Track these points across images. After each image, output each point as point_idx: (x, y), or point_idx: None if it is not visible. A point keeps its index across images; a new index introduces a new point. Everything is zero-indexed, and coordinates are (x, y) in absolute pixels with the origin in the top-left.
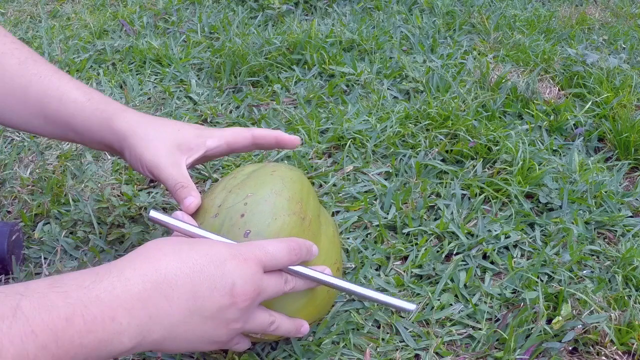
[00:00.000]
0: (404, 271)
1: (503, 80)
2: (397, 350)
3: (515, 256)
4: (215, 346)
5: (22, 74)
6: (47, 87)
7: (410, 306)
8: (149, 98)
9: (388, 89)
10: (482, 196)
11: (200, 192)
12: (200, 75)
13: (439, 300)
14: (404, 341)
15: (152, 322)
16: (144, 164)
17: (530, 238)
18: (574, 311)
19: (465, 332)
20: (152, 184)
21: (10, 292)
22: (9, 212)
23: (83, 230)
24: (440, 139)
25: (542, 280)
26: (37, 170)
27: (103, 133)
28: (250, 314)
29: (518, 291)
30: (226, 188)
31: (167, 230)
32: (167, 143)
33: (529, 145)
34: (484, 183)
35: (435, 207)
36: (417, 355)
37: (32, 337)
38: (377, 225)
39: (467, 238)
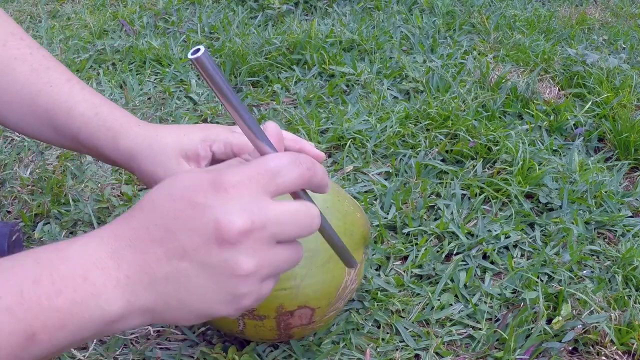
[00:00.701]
0: (404, 271)
1: (503, 80)
2: (397, 350)
3: (515, 256)
4: (231, 307)
5: (33, 81)
6: (56, 97)
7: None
8: (149, 98)
9: (388, 89)
10: (482, 196)
11: None
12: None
13: (439, 300)
14: (404, 341)
15: (132, 282)
16: (158, 182)
17: (530, 238)
18: (574, 311)
19: (465, 332)
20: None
21: None
22: (9, 212)
23: (83, 230)
24: (440, 139)
25: (542, 280)
26: (37, 170)
27: (109, 151)
28: (264, 261)
29: (518, 291)
30: None
31: None
32: (174, 154)
33: (529, 145)
34: (484, 183)
35: (435, 207)
36: (417, 355)
37: None
38: (377, 225)
39: (467, 238)
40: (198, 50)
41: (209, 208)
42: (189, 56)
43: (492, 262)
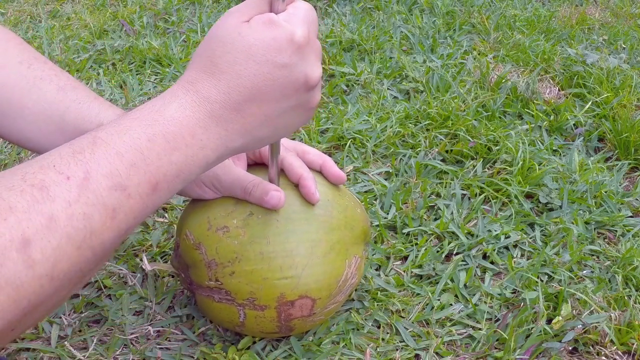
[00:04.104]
0: (404, 271)
1: (503, 80)
2: (397, 350)
3: (515, 256)
4: (310, 114)
5: (60, 99)
6: (86, 113)
7: None
8: (149, 98)
9: (388, 89)
10: (482, 196)
11: None
12: None
13: (439, 300)
14: (404, 341)
15: (230, 134)
16: (199, 181)
17: (530, 238)
18: (574, 311)
19: (465, 332)
20: None
21: (85, 134)
22: None
23: None
24: (440, 139)
25: (542, 280)
26: None
27: None
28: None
29: (518, 291)
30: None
31: (168, 229)
32: None
33: (529, 145)
34: (484, 183)
35: (435, 207)
36: (417, 355)
37: (118, 158)
38: (377, 225)
39: (467, 238)
40: None
41: (296, 66)
42: None
43: (492, 262)
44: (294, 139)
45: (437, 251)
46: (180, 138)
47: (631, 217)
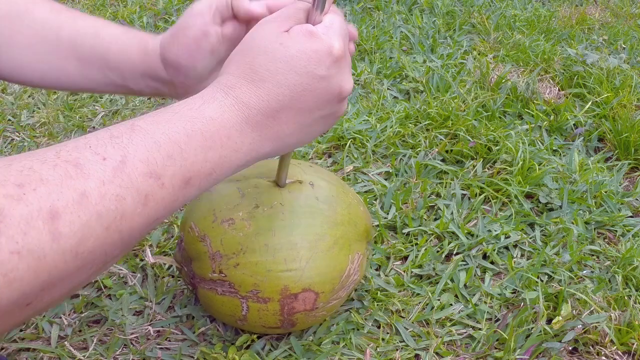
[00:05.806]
0: (404, 271)
1: (503, 80)
2: (397, 350)
3: (515, 256)
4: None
5: (53, 19)
6: (80, 26)
7: None
8: (149, 98)
9: (388, 89)
10: (482, 196)
11: None
12: None
13: (439, 300)
14: (404, 341)
15: (263, 139)
16: (199, 57)
17: (530, 238)
18: (574, 311)
19: (465, 332)
20: None
21: (122, 122)
22: None
23: None
24: (440, 139)
25: (542, 280)
26: None
27: (139, 61)
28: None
29: (518, 291)
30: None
31: (167, 229)
32: (209, 11)
33: (529, 145)
34: (484, 183)
35: (435, 207)
36: (417, 355)
37: (155, 147)
38: (377, 225)
39: (467, 238)
40: None
41: (333, 77)
42: None
43: (492, 262)
44: None
45: (437, 251)
46: (217, 138)
47: (631, 217)
